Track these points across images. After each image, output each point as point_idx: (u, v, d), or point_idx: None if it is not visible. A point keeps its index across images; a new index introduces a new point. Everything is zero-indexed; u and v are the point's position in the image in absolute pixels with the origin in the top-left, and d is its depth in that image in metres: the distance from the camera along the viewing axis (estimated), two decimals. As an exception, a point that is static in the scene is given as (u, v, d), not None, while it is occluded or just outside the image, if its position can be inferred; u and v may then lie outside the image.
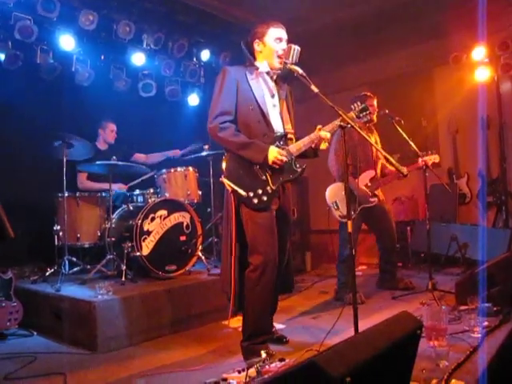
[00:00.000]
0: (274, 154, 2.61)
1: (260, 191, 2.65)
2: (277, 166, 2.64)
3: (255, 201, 2.63)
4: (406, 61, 6.20)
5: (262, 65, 2.82)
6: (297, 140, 2.81)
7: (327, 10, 5.62)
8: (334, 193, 4.16)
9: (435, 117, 6.26)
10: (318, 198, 6.06)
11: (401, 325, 1.70)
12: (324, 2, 5.41)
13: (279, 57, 2.75)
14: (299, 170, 2.72)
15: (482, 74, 5.59)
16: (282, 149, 2.69)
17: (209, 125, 2.71)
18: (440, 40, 5.80)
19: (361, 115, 2.77)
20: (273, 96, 2.82)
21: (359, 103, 2.80)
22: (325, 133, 2.69)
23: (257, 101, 2.72)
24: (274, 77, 2.86)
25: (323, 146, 2.75)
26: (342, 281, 4.19)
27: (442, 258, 5.27)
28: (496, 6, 5.06)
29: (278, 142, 2.71)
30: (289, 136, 2.81)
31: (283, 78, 2.90)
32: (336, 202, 4.10)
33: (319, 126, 2.72)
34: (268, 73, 2.83)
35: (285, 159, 2.64)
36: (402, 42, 6.05)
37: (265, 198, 2.64)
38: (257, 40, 2.82)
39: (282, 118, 2.82)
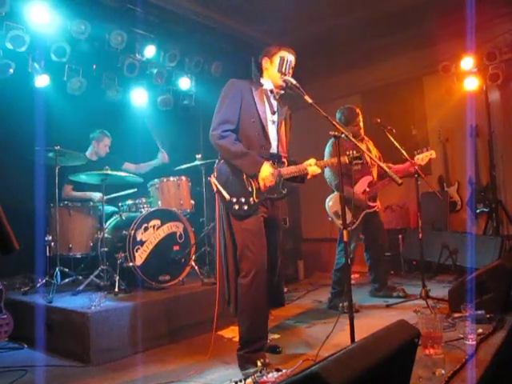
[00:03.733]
0: (266, 172, 2.68)
1: (243, 199, 2.70)
2: (263, 187, 2.70)
3: (236, 207, 2.69)
4: (396, 70, 6.29)
5: (267, 82, 2.91)
6: (289, 164, 2.90)
7: (319, 19, 5.68)
8: (334, 203, 4.19)
9: (425, 125, 6.34)
10: (310, 206, 6.09)
11: (399, 333, 1.70)
12: (316, 12, 5.47)
13: (281, 77, 2.81)
14: (284, 192, 2.82)
15: (471, 84, 5.69)
16: (275, 168, 2.76)
17: (211, 131, 2.79)
18: (429, 49, 5.90)
19: (353, 162, 2.82)
20: (274, 113, 2.90)
21: (355, 152, 2.81)
22: (313, 169, 2.81)
23: (258, 114, 2.81)
24: (277, 96, 2.94)
25: (308, 176, 2.87)
26: (336, 289, 4.19)
27: (433, 265, 5.31)
28: (484, 17, 5.16)
29: (272, 161, 2.78)
30: (282, 160, 2.89)
31: (286, 98, 2.98)
32: (337, 212, 4.12)
33: (312, 161, 2.84)
34: (271, 91, 2.91)
35: (273, 185, 2.72)
36: (393, 51, 6.14)
37: (245, 207, 2.70)
38: (266, 58, 2.91)
39: (278, 137, 2.88)
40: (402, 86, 6.39)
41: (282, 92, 2.92)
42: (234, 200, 2.69)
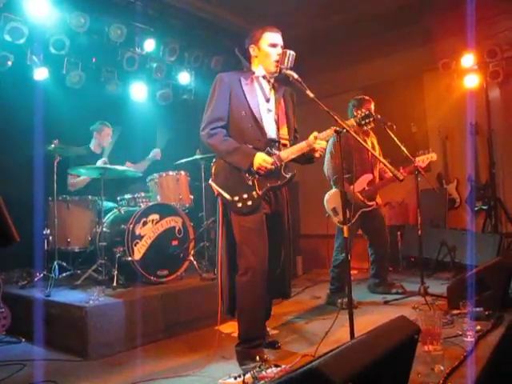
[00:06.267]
0: (259, 160, 2.62)
1: (245, 195, 2.65)
2: (262, 172, 2.65)
3: (239, 205, 2.65)
4: (396, 66, 6.26)
5: (258, 69, 2.83)
6: (291, 145, 2.81)
7: (319, 14, 5.67)
8: (332, 199, 4.17)
9: (425, 122, 6.33)
10: (309, 202, 6.08)
11: (399, 329, 1.70)
12: (316, 7, 5.45)
13: (275, 61, 2.74)
14: (288, 176, 2.72)
15: (471, 81, 5.67)
16: (273, 155, 2.69)
17: (201, 131, 2.75)
18: (430, 46, 5.88)
19: (362, 122, 2.77)
20: (268, 100, 2.82)
21: (363, 110, 2.80)
22: (318, 142, 2.69)
23: (250, 106, 2.73)
24: (272, 80, 2.85)
25: (317, 154, 2.74)
26: (335, 285, 4.19)
27: (432, 262, 5.31)
28: (485, 14, 5.15)
29: (269, 148, 2.71)
30: (282, 142, 2.81)
31: (283, 80, 2.89)
32: (335, 209, 4.11)
33: (314, 134, 2.71)
34: (264, 77, 2.83)
35: (269, 166, 2.64)
36: (393, 48, 6.12)
37: (249, 203, 2.65)
38: (252, 45, 2.82)
39: (276, 123, 2.81)
40: (402, 83, 6.36)
41: (276, 75, 2.81)
42: (236, 198, 2.65)
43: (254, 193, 2.66)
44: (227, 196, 2.67)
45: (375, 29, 5.80)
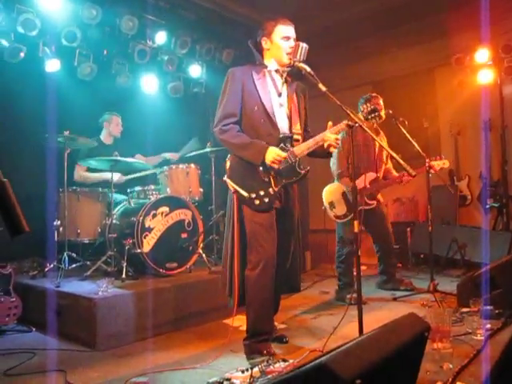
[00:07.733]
0: (272, 154, 2.61)
1: (262, 193, 2.65)
2: (276, 166, 2.63)
3: (257, 202, 2.65)
4: (409, 61, 6.20)
5: (271, 63, 2.81)
6: (304, 141, 2.79)
7: (330, 9, 5.61)
8: (330, 193, 4.16)
9: (437, 118, 6.27)
10: (318, 197, 6.04)
11: (409, 327, 1.68)
12: (328, 1, 5.40)
13: (288, 54, 2.72)
14: (302, 172, 2.72)
15: (485, 77, 5.59)
16: (287, 150, 2.69)
17: (213, 128, 2.76)
18: (443, 41, 5.81)
19: (369, 117, 2.76)
20: (280, 95, 2.80)
21: (368, 105, 2.79)
22: (329, 135, 2.66)
23: (262, 101, 2.72)
24: (284, 74, 2.83)
25: (331, 149, 2.72)
26: (343, 281, 4.18)
27: (441, 259, 5.27)
28: (500, 8, 5.06)
29: (283, 144, 2.70)
30: (295, 137, 2.79)
31: (295, 75, 2.87)
32: (332, 203, 4.10)
33: (330, 123, 2.70)
34: (277, 71, 2.81)
35: (283, 159, 2.63)
36: (405, 43, 6.06)
37: (266, 200, 2.65)
38: (264, 38, 2.79)
39: (289, 118, 2.80)
40: (414, 78, 6.30)
41: (289, 69, 2.79)
42: (254, 196, 2.65)
43: (271, 189, 2.67)
44: (244, 193, 2.66)
45: (386, 23, 5.73)
